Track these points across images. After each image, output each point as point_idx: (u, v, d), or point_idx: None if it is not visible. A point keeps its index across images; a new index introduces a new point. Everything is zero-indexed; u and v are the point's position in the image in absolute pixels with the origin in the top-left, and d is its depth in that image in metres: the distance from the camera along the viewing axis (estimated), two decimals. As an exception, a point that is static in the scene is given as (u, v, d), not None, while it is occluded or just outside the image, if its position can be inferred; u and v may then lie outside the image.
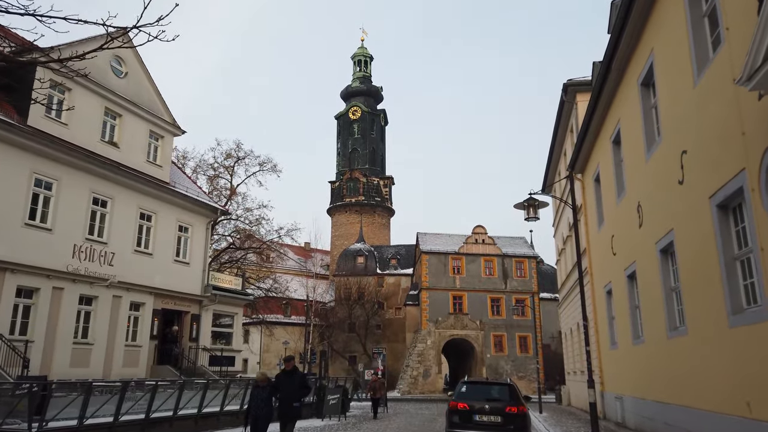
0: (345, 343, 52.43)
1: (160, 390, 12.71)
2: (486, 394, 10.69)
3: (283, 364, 9.83)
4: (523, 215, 9.95)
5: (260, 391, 9.35)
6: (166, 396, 13.69)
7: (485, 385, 11.58)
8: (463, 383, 11.27)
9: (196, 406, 14.31)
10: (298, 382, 9.54)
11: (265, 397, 9.26)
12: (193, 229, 22.26)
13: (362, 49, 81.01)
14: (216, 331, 23.73)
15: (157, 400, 12.22)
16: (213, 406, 15.16)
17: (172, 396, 13.70)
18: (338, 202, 74.01)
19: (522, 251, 49.37)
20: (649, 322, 12.17)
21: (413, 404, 31.30)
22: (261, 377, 9.63)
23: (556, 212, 28.91)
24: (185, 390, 14.02)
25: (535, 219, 10.23)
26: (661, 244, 10.79)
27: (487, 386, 11.27)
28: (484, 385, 11.63)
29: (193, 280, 22.08)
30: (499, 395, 10.67)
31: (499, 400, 10.52)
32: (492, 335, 46.55)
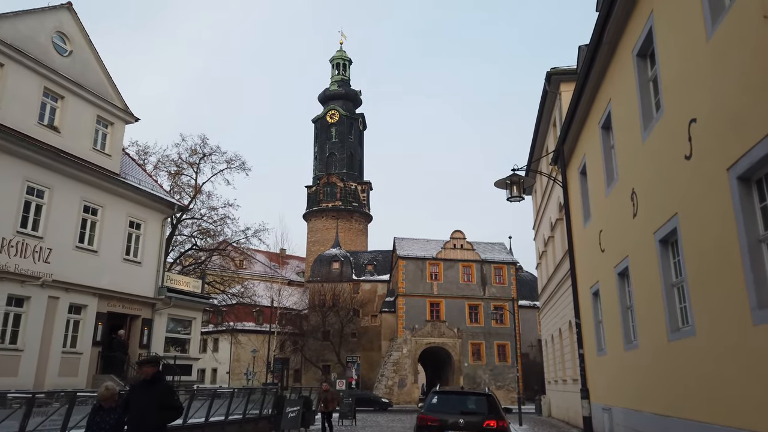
0: (318, 352, 50.49)
1: (85, 403, 10.86)
2: (461, 406, 9.18)
3: (136, 368, 6.34)
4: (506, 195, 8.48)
5: (105, 415, 6.25)
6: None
7: (460, 395, 10.01)
8: (434, 393, 9.75)
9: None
10: (156, 397, 6.28)
11: (112, 425, 6.19)
12: (146, 226, 20.39)
13: (341, 52, 79.74)
14: (171, 337, 21.81)
15: (77, 414, 10.38)
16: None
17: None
18: (315, 207, 72.23)
19: (501, 257, 48.23)
20: (644, 324, 10.79)
21: (386, 415, 29.63)
22: (105, 394, 6.30)
23: (537, 213, 27.72)
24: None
25: (519, 199, 8.80)
26: (661, 234, 9.43)
27: (462, 397, 9.71)
28: (458, 395, 10.06)
29: (146, 281, 20.18)
30: (475, 407, 9.17)
31: (476, 413, 9.04)
32: (470, 343, 45.17)
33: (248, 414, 15.76)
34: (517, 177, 8.51)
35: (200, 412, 13.69)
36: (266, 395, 16.95)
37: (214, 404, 14.69)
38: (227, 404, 14.71)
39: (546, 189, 23.37)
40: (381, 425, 21.44)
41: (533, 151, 24.84)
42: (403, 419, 26.93)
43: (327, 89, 77.06)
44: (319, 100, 77.74)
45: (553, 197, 21.48)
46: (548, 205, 23.09)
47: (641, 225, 10.47)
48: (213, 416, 14.09)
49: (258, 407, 16.35)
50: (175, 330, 21.99)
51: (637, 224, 10.76)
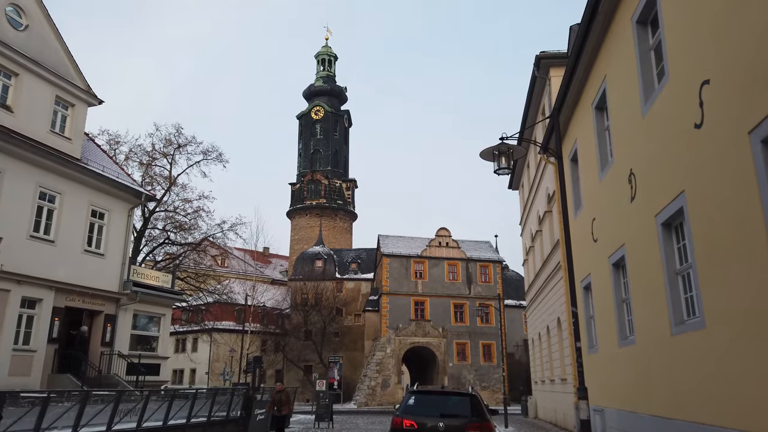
0: (300, 352, 49.23)
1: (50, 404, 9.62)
2: (440, 407, 8.12)
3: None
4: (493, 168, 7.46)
5: None
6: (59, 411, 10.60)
7: (440, 395, 8.88)
8: (411, 393, 8.68)
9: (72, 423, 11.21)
10: None
11: None
12: (110, 216, 19.11)
13: (326, 48, 78.54)
14: (138, 334, 20.53)
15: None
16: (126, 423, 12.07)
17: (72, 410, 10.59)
18: (298, 204, 70.92)
19: (487, 255, 47.37)
20: (642, 317, 9.87)
21: (367, 417, 28.57)
22: None
23: (524, 208, 26.85)
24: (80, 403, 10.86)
25: (507, 171, 7.77)
26: (664, 216, 8.49)
27: (442, 397, 8.61)
28: (438, 395, 8.93)
29: (109, 274, 18.91)
30: (458, 409, 8.13)
31: (458, 416, 8.00)
32: (455, 343, 44.24)
33: (214, 416, 14.61)
34: (505, 147, 7.50)
35: (158, 415, 12.50)
36: (234, 396, 15.81)
37: (177, 407, 13.51)
38: (189, 406, 13.54)
39: (533, 182, 22.49)
40: (359, 427, 20.35)
41: (521, 142, 23.88)
42: (384, 421, 25.83)
43: (312, 85, 75.81)
44: (303, 96, 76.47)
45: (541, 189, 20.59)
46: (536, 198, 22.21)
47: (640, 208, 9.55)
48: (173, 419, 12.90)
49: (225, 409, 15.21)
50: (143, 327, 20.72)
51: (635, 208, 9.84)
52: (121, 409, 11.24)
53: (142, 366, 18.39)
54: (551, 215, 19.35)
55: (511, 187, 29.99)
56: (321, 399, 18.56)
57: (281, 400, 13.69)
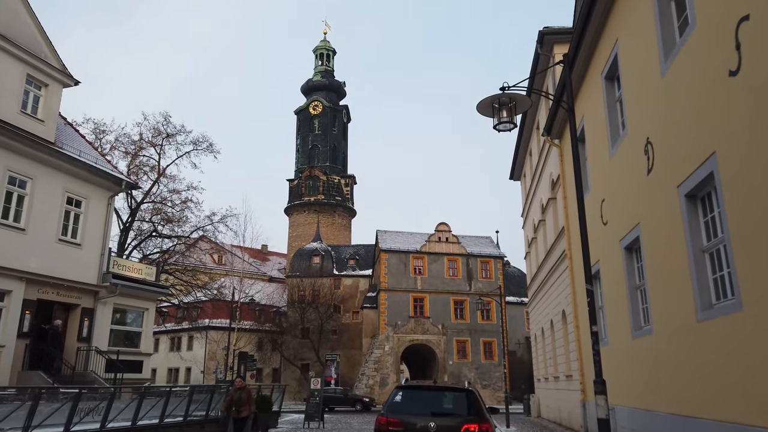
0: (296, 350, 48.17)
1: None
2: (432, 405, 6.98)
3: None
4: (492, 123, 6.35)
5: None
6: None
7: (431, 391, 7.57)
8: (399, 389, 7.57)
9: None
10: None
11: None
12: (88, 204, 18.04)
13: (325, 42, 77.45)
14: (119, 330, 19.48)
15: None
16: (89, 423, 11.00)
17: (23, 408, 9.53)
18: (296, 201, 69.85)
19: (488, 251, 46.29)
20: (661, 304, 8.80)
21: (363, 416, 27.50)
22: None
23: (526, 198, 25.76)
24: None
25: (509, 127, 6.65)
26: (688, 186, 7.41)
27: (434, 393, 7.41)
28: (429, 391, 7.62)
29: (87, 265, 17.84)
30: (452, 407, 7.02)
31: (452, 414, 6.89)
32: (455, 340, 43.16)
33: (191, 416, 13.56)
34: (506, 97, 6.38)
35: (126, 414, 11.45)
36: (214, 394, 14.73)
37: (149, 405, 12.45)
38: (162, 405, 12.47)
39: (536, 169, 21.40)
40: (352, 427, 19.27)
41: (522, 127, 22.82)
42: (381, 420, 24.77)
43: (310, 80, 74.72)
44: (301, 91, 75.39)
45: (545, 176, 19.50)
46: (539, 186, 21.12)
47: (659, 181, 8.47)
48: (144, 419, 11.84)
49: (204, 408, 14.15)
50: (124, 322, 19.66)
51: (652, 181, 8.75)
52: (81, 408, 10.15)
53: (121, 363, 17.32)
54: (555, 203, 18.26)
55: (512, 178, 28.90)
56: (311, 397, 17.48)
57: (241, 399, 11.56)
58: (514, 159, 26.93)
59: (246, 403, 11.65)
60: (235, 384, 12.02)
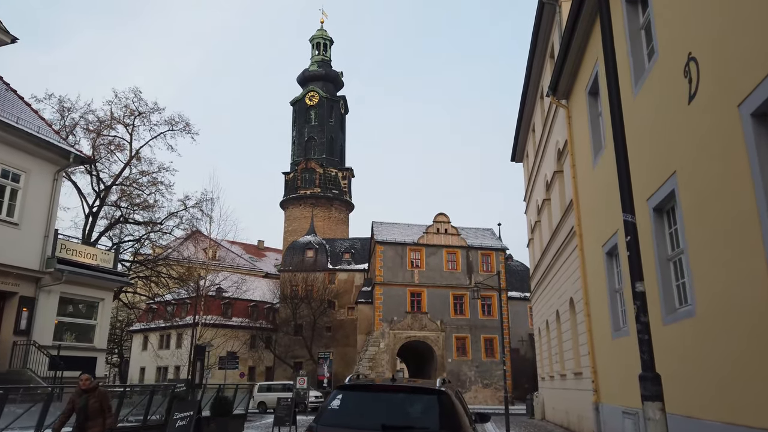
0: (288, 348, 45.96)
1: None
2: (385, 414, 4.53)
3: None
4: None
5: None
6: None
7: (386, 392, 5.06)
8: (339, 390, 5.15)
9: None
10: None
11: None
12: (28, 178, 15.84)
13: (321, 31, 75.20)
14: (70, 322, 17.29)
15: None
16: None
17: None
18: (292, 194, 67.63)
19: (489, 243, 43.96)
20: (708, 276, 6.52)
21: (353, 419, 25.19)
22: None
23: (529, 178, 23.46)
24: None
25: None
26: (753, 103, 5.14)
27: (389, 397, 4.87)
28: (382, 392, 5.09)
29: (26, 248, 15.65)
30: (416, 417, 4.62)
31: (414, 428, 4.50)
32: (454, 337, 40.85)
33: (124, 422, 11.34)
34: None
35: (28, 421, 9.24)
36: (155, 395, 12.48)
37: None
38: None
39: (540, 143, 19.11)
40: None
41: (525, 95, 20.53)
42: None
43: (306, 70, 72.48)
44: (298, 81, 73.14)
45: (550, 147, 17.21)
46: (543, 161, 18.83)
47: (709, 106, 6.18)
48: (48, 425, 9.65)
49: (142, 412, 11.95)
50: (75, 314, 17.46)
51: (696, 111, 6.45)
52: (8, 412, 7.92)
53: (65, 360, 15.10)
54: (561, 177, 15.98)
55: (514, 159, 26.61)
56: (282, 400, 15.21)
57: (87, 407, 7.20)
58: (516, 138, 24.67)
59: (96, 413, 7.27)
60: (79, 383, 7.50)
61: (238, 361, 29.42)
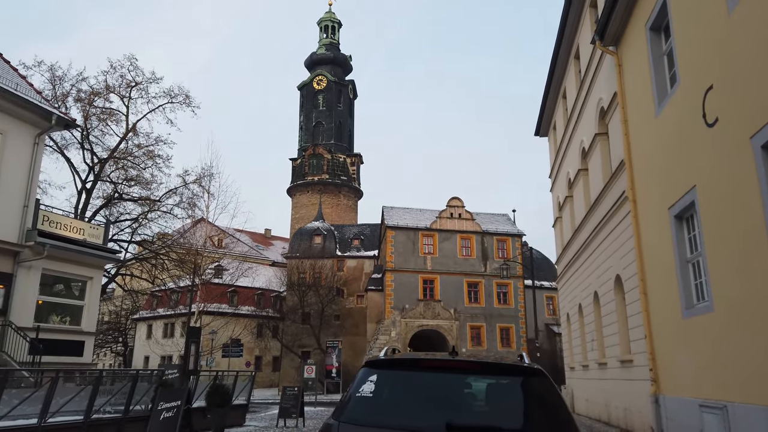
0: (296, 336, 44.38)
1: None
2: (445, 407, 2.76)
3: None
4: None
5: None
6: None
7: (445, 371, 3.14)
8: (370, 368, 3.26)
9: None
10: None
11: None
12: (4, 141, 14.17)
13: (330, 13, 73.14)
14: (53, 302, 15.66)
15: None
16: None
17: None
18: (299, 180, 65.93)
19: (505, 228, 42.08)
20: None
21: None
22: None
23: (557, 153, 21.54)
24: None
25: None
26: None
27: (450, 378, 3.05)
28: (441, 372, 3.17)
29: (3, 218, 14.03)
30: (495, 414, 2.87)
31: (499, 429, 2.73)
32: (468, 326, 39.09)
33: (100, 413, 9.68)
34: None
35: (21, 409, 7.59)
36: (138, 382, 10.77)
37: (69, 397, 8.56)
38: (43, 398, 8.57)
39: (574, 108, 17.18)
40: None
41: (556, 59, 18.58)
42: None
43: (314, 53, 70.53)
44: (305, 65, 71.23)
45: (589, 109, 15.27)
46: (578, 128, 16.90)
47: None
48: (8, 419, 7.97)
49: (123, 401, 10.28)
50: (60, 294, 15.83)
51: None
52: None
53: (45, 342, 13.47)
54: (605, 138, 14.09)
55: (538, 134, 24.66)
56: (288, 389, 13.53)
57: None
58: (541, 109, 22.74)
59: None
60: None
61: (242, 349, 27.78)
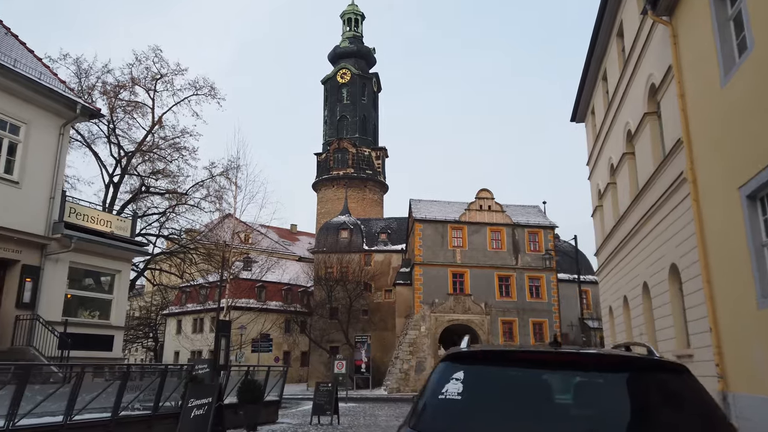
0: (324, 331, 44.04)
1: None
2: (561, 416, 2.10)
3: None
4: None
5: None
6: None
7: (553, 369, 2.34)
8: (452, 362, 2.48)
9: None
10: None
11: None
12: (28, 131, 13.89)
13: (352, 6, 72.49)
14: (82, 296, 15.39)
15: None
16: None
17: None
18: (324, 175, 65.61)
19: (536, 220, 40.94)
20: None
21: (395, 407, 22.98)
22: None
23: (596, 138, 20.49)
24: None
25: None
26: None
27: (564, 376, 2.27)
28: (545, 369, 2.35)
29: (28, 210, 13.75)
30: (630, 417, 2.15)
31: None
32: (500, 321, 38.13)
33: (128, 410, 9.23)
34: None
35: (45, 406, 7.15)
36: (167, 377, 10.33)
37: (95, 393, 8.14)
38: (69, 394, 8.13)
39: (618, 86, 16.17)
40: (377, 423, 14.72)
41: (596, 39, 17.55)
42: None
43: (337, 46, 70.02)
44: (329, 59, 70.80)
45: (636, 87, 14.26)
46: (623, 106, 15.88)
47: None
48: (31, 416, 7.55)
49: (152, 398, 9.83)
50: (88, 287, 15.56)
51: None
52: None
53: (71, 337, 13.15)
54: (655, 118, 13.11)
55: (574, 120, 23.59)
56: (322, 385, 12.97)
57: None
58: (578, 94, 21.68)
59: None
60: None
61: (272, 344, 27.43)
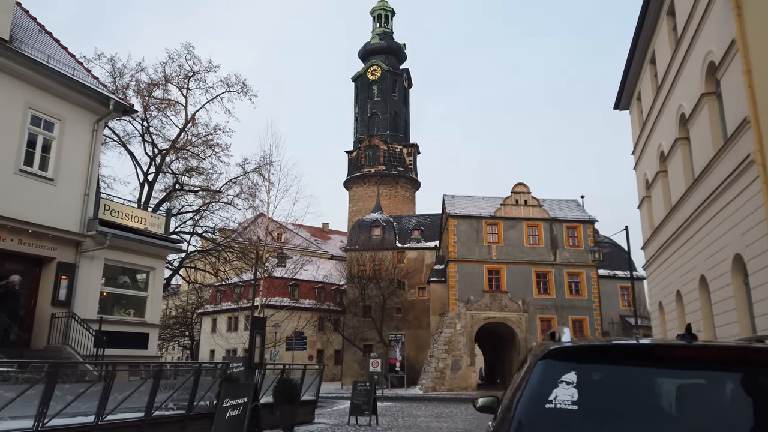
0: (357, 329, 43.68)
1: None
2: (708, 423, 1.59)
3: None
4: None
5: None
6: None
7: (687, 367, 1.84)
8: (561, 362, 1.97)
9: None
10: None
11: None
12: (63, 127, 13.79)
13: (382, 2, 71.91)
14: (117, 294, 15.29)
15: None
16: None
17: None
18: (356, 173, 65.33)
19: (575, 215, 39.62)
20: None
21: (433, 407, 22.37)
22: None
23: (642, 127, 19.45)
24: None
25: None
26: None
27: (701, 376, 1.78)
28: (672, 368, 1.87)
29: (63, 207, 13.66)
30: None
31: None
32: (538, 318, 37.04)
33: (162, 410, 8.90)
34: None
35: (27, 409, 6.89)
36: (201, 376, 9.95)
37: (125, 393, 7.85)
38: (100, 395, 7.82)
39: (670, 68, 15.18)
40: (417, 424, 14.16)
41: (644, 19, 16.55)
42: (455, 413, 19.51)
43: (367, 43, 69.59)
44: (359, 56, 70.45)
45: (692, 64, 13.27)
46: (674, 88, 14.87)
47: None
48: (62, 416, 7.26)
49: (186, 397, 9.50)
50: (123, 284, 15.44)
51: None
52: None
53: (106, 335, 12.99)
54: (713, 99, 12.15)
55: (618, 107, 22.52)
56: (359, 384, 12.51)
57: None
58: (623, 79, 20.64)
59: None
60: None
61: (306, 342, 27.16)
